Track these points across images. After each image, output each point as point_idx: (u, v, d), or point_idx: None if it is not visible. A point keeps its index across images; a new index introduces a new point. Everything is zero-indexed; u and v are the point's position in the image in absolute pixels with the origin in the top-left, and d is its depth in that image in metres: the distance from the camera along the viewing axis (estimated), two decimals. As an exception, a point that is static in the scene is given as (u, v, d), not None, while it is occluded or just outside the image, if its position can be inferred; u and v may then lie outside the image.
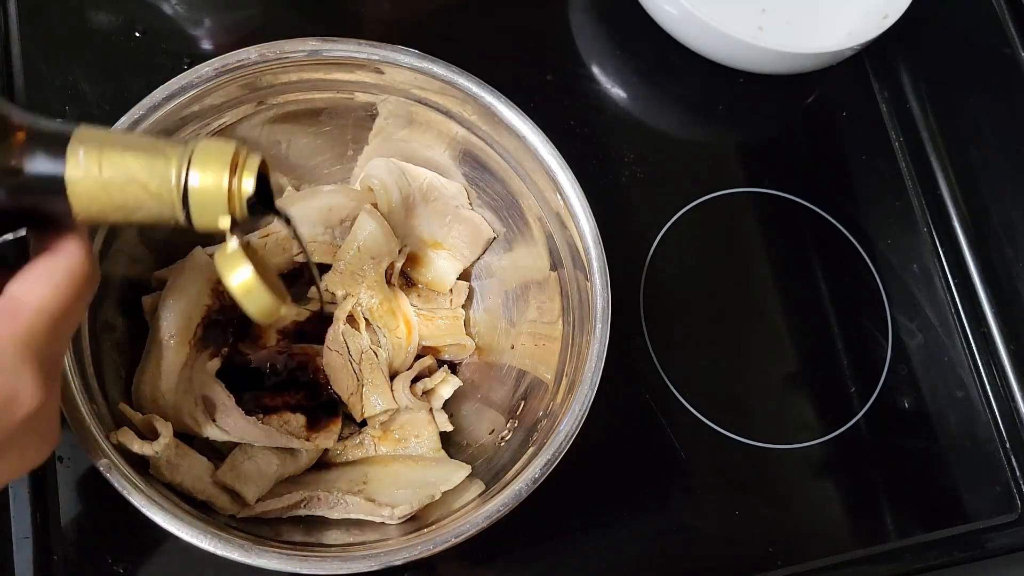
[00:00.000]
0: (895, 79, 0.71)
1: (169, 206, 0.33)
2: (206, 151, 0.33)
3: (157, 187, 0.33)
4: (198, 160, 0.33)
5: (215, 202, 0.33)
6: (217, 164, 0.33)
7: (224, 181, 0.33)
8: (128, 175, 0.32)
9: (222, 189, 0.33)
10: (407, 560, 0.43)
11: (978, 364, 0.65)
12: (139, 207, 0.33)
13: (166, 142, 0.34)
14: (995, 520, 0.61)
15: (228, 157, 0.33)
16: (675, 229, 0.64)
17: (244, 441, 0.49)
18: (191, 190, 0.33)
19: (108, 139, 0.33)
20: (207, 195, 0.33)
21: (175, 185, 0.33)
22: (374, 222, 0.53)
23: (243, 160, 0.34)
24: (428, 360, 0.55)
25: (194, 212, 0.33)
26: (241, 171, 0.34)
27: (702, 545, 0.57)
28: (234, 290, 0.36)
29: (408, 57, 0.50)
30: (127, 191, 0.32)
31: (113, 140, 0.33)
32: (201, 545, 0.42)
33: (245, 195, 0.34)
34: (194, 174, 0.33)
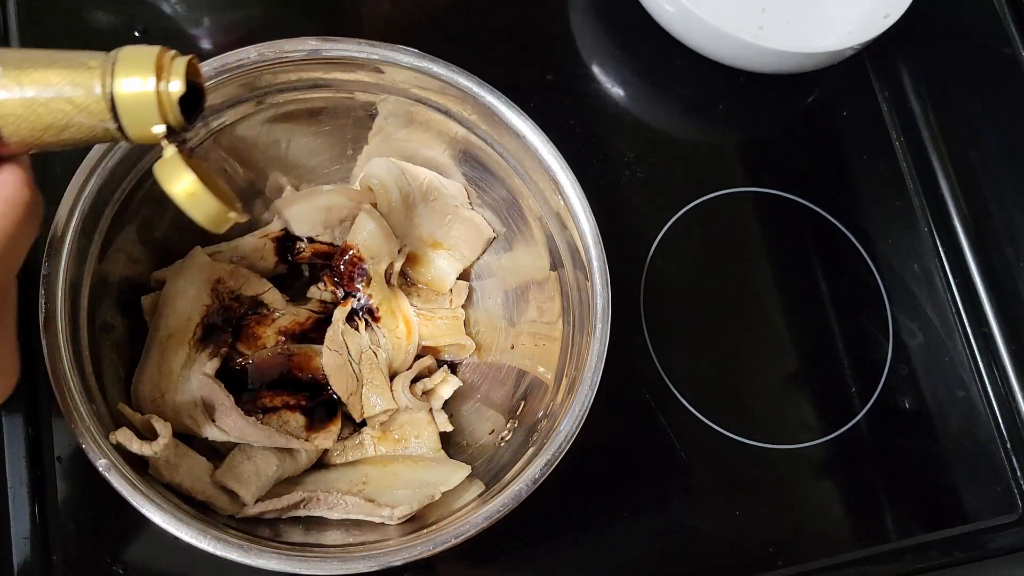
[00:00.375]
0: (895, 79, 0.71)
1: (99, 119, 0.32)
2: (129, 57, 0.32)
3: (83, 99, 0.32)
4: (122, 67, 0.32)
5: (145, 109, 0.32)
6: (142, 69, 0.32)
7: (151, 85, 0.32)
8: (52, 90, 0.31)
9: (150, 94, 0.32)
10: (407, 560, 0.43)
11: (979, 364, 0.65)
12: (69, 123, 0.32)
13: (89, 54, 0.32)
14: (996, 520, 0.61)
15: (152, 60, 0.32)
16: (675, 229, 0.64)
17: (243, 441, 0.49)
18: (118, 98, 0.32)
19: (28, 57, 0.32)
20: (135, 102, 0.32)
21: (102, 95, 0.32)
22: (374, 222, 0.53)
23: (169, 62, 0.33)
24: (428, 360, 0.55)
25: (125, 122, 0.32)
26: (168, 74, 0.32)
27: (702, 545, 0.57)
28: (176, 197, 0.34)
29: (408, 57, 0.50)
30: (53, 107, 0.32)
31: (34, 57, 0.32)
32: (200, 545, 0.42)
33: (175, 98, 0.33)
34: (119, 81, 0.32)
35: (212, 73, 0.48)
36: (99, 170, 0.46)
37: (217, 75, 0.48)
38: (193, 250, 0.52)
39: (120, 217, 0.49)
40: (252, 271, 0.53)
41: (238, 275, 0.52)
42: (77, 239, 0.45)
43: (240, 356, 0.52)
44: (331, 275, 0.53)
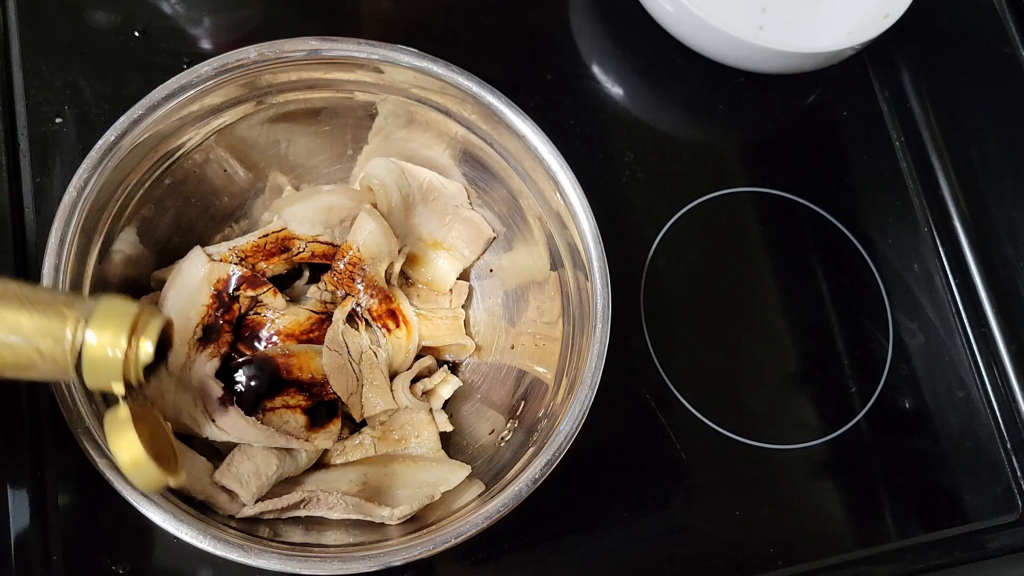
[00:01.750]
0: (896, 79, 0.71)
1: (62, 369, 0.32)
2: (105, 313, 0.32)
3: (50, 350, 0.31)
4: (96, 323, 0.31)
5: (109, 368, 0.32)
6: (115, 329, 0.31)
7: (121, 347, 0.32)
8: (21, 335, 0.31)
9: (117, 355, 0.32)
10: (407, 560, 0.43)
11: (979, 364, 0.65)
12: (31, 366, 0.32)
13: (67, 300, 0.32)
14: (996, 520, 0.61)
15: (128, 321, 0.32)
16: (675, 229, 0.64)
17: (243, 441, 0.49)
18: (85, 355, 0.31)
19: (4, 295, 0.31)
20: (101, 361, 0.32)
21: (69, 349, 0.31)
22: (374, 222, 0.53)
23: (144, 323, 0.32)
24: (428, 360, 0.55)
25: (86, 374, 0.32)
26: (139, 337, 0.32)
27: (702, 545, 0.57)
28: (120, 461, 0.34)
29: (408, 56, 0.50)
30: (19, 351, 0.31)
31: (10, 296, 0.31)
32: (201, 545, 0.42)
33: (143, 362, 0.32)
34: (90, 338, 0.31)
35: (212, 73, 0.48)
36: (99, 170, 0.46)
37: (217, 75, 0.48)
38: (193, 250, 0.52)
39: (120, 217, 0.49)
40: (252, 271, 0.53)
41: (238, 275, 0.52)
42: (77, 239, 0.45)
43: (240, 356, 0.52)
44: (331, 275, 0.53)
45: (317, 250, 0.54)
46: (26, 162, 0.55)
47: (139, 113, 0.47)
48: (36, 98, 0.57)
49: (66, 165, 0.55)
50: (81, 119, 0.57)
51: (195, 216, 0.54)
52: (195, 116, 0.50)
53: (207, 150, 0.52)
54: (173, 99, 0.48)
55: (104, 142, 0.46)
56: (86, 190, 0.46)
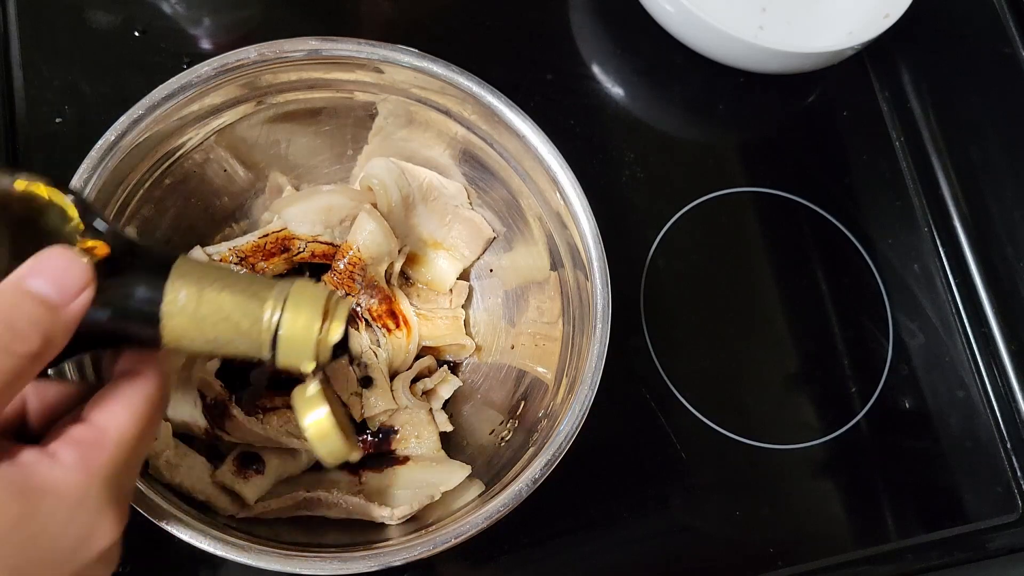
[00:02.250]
0: (896, 79, 0.71)
1: (257, 346, 0.33)
2: (300, 297, 0.34)
3: (249, 328, 0.33)
4: (292, 306, 0.33)
5: (303, 347, 0.34)
6: (311, 312, 0.34)
7: (315, 328, 0.34)
8: (224, 313, 0.33)
9: (312, 336, 0.34)
10: (407, 560, 0.43)
11: (979, 364, 0.65)
12: (228, 343, 0.33)
13: (262, 283, 0.34)
14: (996, 520, 0.61)
15: (321, 304, 0.34)
16: (675, 229, 0.64)
17: (244, 441, 0.49)
18: (281, 335, 0.33)
19: (207, 276, 0.33)
20: (296, 340, 0.34)
21: (266, 328, 0.33)
22: (374, 222, 0.53)
23: (334, 307, 0.34)
24: (428, 360, 0.55)
25: (280, 354, 0.34)
26: (332, 319, 0.34)
27: (702, 545, 0.57)
28: (308, 432, 0.36)
29: (408, 56, 0.50)
30: (219, 328, 0.33)
31: (212, 277, 0.33)
32: (201, 546, 0.42)
33: (333, 342, 0.34)
34: (287, 319, 0.33)
35: (212, 73, 0.48)
36: (99, 170, 0.46)
37: (217, 75, 0.48)
38: (193, 250, 0.52)
39: (120, 217, 0.49)
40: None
41: (238, 275, 0.52)
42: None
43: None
44: (331, 275, 0.53)
45: (317, 250, 0.54)
46: (26, 162, 0.55)
47: (139, 113, 0.47)
48: (36, 98, 0.57)
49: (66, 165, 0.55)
50: (81, 119, 0.57)
51: (195, 216, 0.54)
52: (195, 116, 0.50)
53: (207, 150, 0.52)
54: (173, 99, 0.48)
55: (104, 142, 0.46)
56: (86, 190, 0.45)
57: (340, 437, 0.37)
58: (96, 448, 0.31)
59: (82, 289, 0.30)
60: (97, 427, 0.31)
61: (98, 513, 0.30)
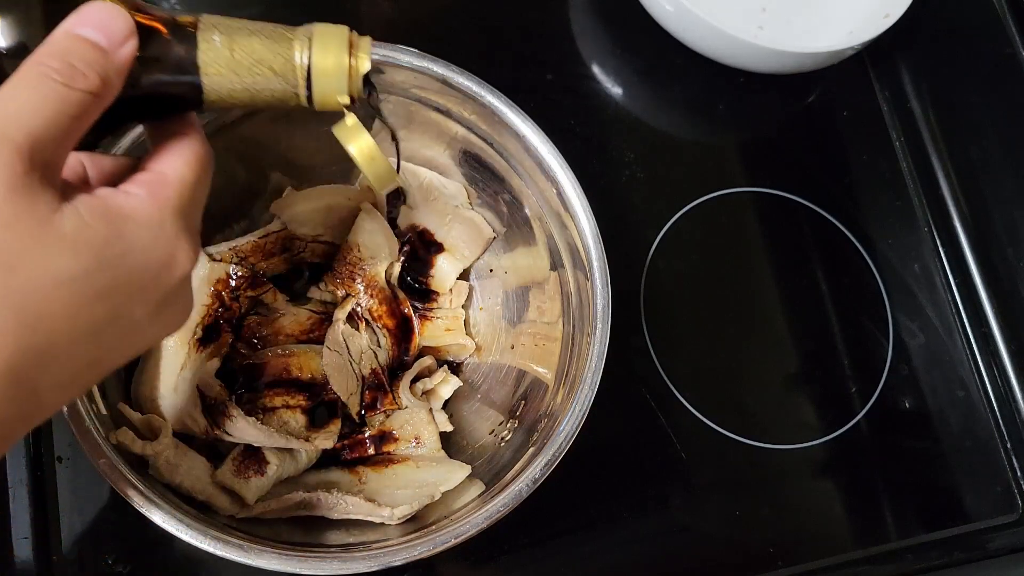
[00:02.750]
0: (896, 79, 0.71)
1: (293, 85, 0.35)
2: (325, 34, 0.35)
3: (282, 67, 0.35)
4: (319, 42, 0.35)
5: (336, 80, 0.35)
6: (337, 45, 0.35)
7: (344, 60, 0.35)
8: (256, 56, 0.34)
9: (343, 67, 0.35)
10: (407, 560, 0.43)
11: (979, 364, 0.65)
12: (265, 87, 0.35)
13: (284, 27, 0.36)
14: (996, 520, 0.61)
15: (345, 38, 0.35)
16: (675, 229, 0.64)
17: (244, 441, 0.49)
18: (314, 69, 0.35)
19: (235, 24, 0.35)
20: (329, 74, 0.35)
21: (299, 64, 0.35)
22: (374, 222, 0.53)
23: (357, 41, 0.36)
24: (428, 360, 0.55)
25: (316, 90, 0.35)
26: (358, 51, 0.36)
27: (702, 545, 0.57)
28: (357, 157, 0.39)
29: (408, 56, 0.50)
30: (255, 71, 0.34)
31: (239, 25, 0.35)
32: (201, 545, 0.42)
33: (362, 72, 0.36)
34: (317, 54, 0.35)
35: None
36: (99, 170, 0.46)
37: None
38: (193, 250, 0.52)
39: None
40: (252, 271, 0.53)
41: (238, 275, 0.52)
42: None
43: (240, 356, 0.52)
44: (331, 275, 0.53)
45: (317, 250, 0.54)
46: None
47: (139, 113, 0.47)
48: (36, 98, 0.57)
49: (66, 165, 0.55)
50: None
51: (195, 216, 0.54)
52: (195, 116, 0.50)
53: (207, 150, 0.52)
54: (173, 99, 0.47)
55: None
56: (86, 190, 0.45)
57: (384, 159, 0.39)
58: (161, 185, 0.33)
59: (128, 37, 0.31)
60: (157, 171, 0.34)
61: (176, 238, 0.33)
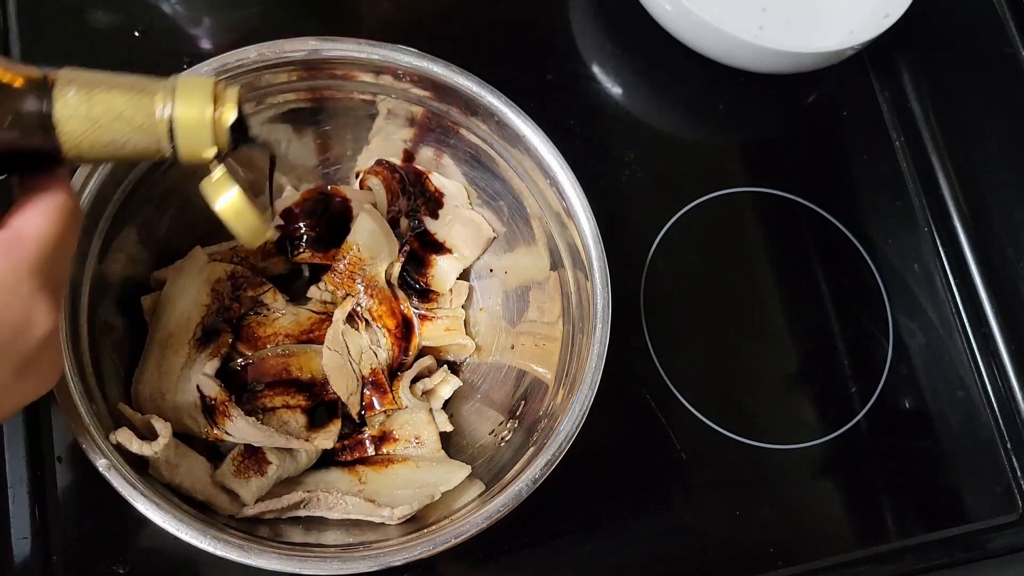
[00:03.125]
0: (896, 79, 0.71)
1: (155, 140, 0.34)
2: (188, 85, 0.34)
3: (143, 122, 0.34)
4: (182, 94, 0.34)
5: (200, 133, 0.34)
6: (201, 97, 0.34)
7: (208, 113, 0.34)
8: (115, 111, 0.33)
9: (206, 120, 0.34)
10: (407, 560, 0.43)
11: (979, 364, 0.65)
12: (126, 142, 0.34)
13: (148, 79, 0.35)
14: (996, 520, 0.61)
15: (209, 89, 0.35)
16: (675, 229, 0.64)
17: (244, 441, 0.49)
18: (176, 123, 0.34)
19: (95, 78, 0.34)
20: (192, 127, 0.34)
21: (160, 119, 0.34)
22: (374, 222, 0.53)
23: (222, 91, 0.35)
24: (428, 360, 0.55)
25: (180, 144, 0.34)
26: (223, 102, 0.35)
27: (702, 545, 0.57)
28: (222, 213, 0.37)
29: (408, 57, 0.50)
30: (115, 127, 0.34)
31: (100, 79, 0.34)
32: (201, 545, 0.42)
33: (227, 124, 0.35)
34: (179, 107, 0.34)
35: (212, 73, 0.48)
36: (99, 170, 0.46)
37: (217, 75, 0.48)
38: (193, 250, 0.52)
39: (120, 217, 0.49)
40: (252, 271, 0.53)
41: (238, 275, 0.52)
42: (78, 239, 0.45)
43: (240, 356, 0.52)
44: (331, 275, 0.53)
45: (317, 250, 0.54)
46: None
47: (139, 113, 0.47)
48: (36, 98, 0.57)
49: (66, 165, 0.55)
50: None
51: (195, 216, 0.54)
52: (195, 116, 0.50)
53: (207, 150, 0.52)
54: (173, 99, 0.48)
55: None
56: (86, 190, 0.46)
57: (255, 213, 0.37)
58: (17, 243, 0.33)
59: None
60: (14, 228, 0.33)
61: (31, 299, 0.32)
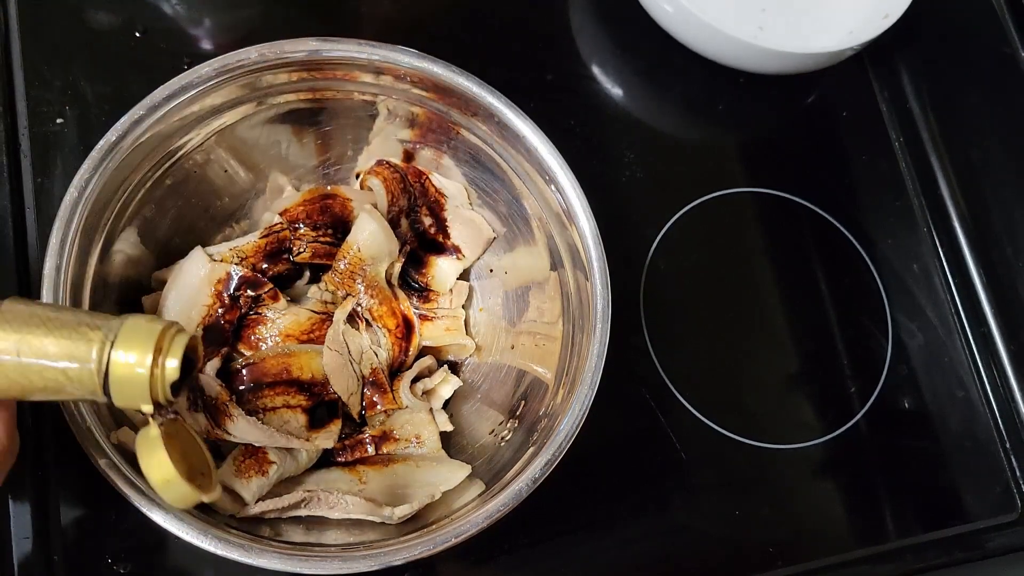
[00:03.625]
0: (895, 79, 0.71)
1: (90, 391, 0.32)
2: (130, 332, 0.32)
3: (77, 373, 0.31)
4: (121, 343, 0.32)
5: (136, 387, 0.32)
6: (140, 347, 0.32)
7: (146, 366, 0.32)
8: (49, 360, 0.31)
9: (143, 376, 0.32)
10: (407, 560, 0.44)
11: (978, 364, 0.65)
12: (59, 390, 0.32)
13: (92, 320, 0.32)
14: (995, 520, 0.61)
15: (153, 339, 0.32)
16: (675, 229, 0.64)
17: (245, 441, 0.49)
18: (112, 375, 0.31)
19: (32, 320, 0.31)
20: (128, 381, 0.32)
21: (96, 370, 0.31)
22: (374, 222, 0.53)
23: (169, 341, 0.32)
24: (428, 360, 0.55)
25: (114, 396, 0.32)
26: (165, 354, 0.32)
27: (702, 545, 0.57)
28: (152, 480, 0.35)
29: (408, 57, 0.50)
30: (47, 375, 0.31)
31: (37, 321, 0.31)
32: (201, 545, 0.42)
33: (169, 380, 0.32)
34: (116, 358, 0.31)
35: (213, 73, 0.48)
36: (100, 171, 0.46)
37: (218, 75, 0.48)
38: (193, 251, 0.52)
39: (121, 218, 0.49)
40: (252, 271, 0.53)
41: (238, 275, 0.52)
42: (78, 240, 0.45)
43: (241, 356, 0.52)
44: (332, 275, 0.53)
45: (318, 250, 0.54)
46: (27, 163, 0.55)
47: (140, 114, 0.47)
48: (37, 98, 0.57)
49: (67, 165, 0.55)
50: (82, 120, 0.57)
51: (196, 216, 0.54)
52: (196, 116, 0.50)
53: (208, 150, 0.52)
54: (174, 100, 0.48)
55: (105, 142, 0.46)
56: (87, 190, 0.46)
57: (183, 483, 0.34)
58: None
59: None
60: None
61: None
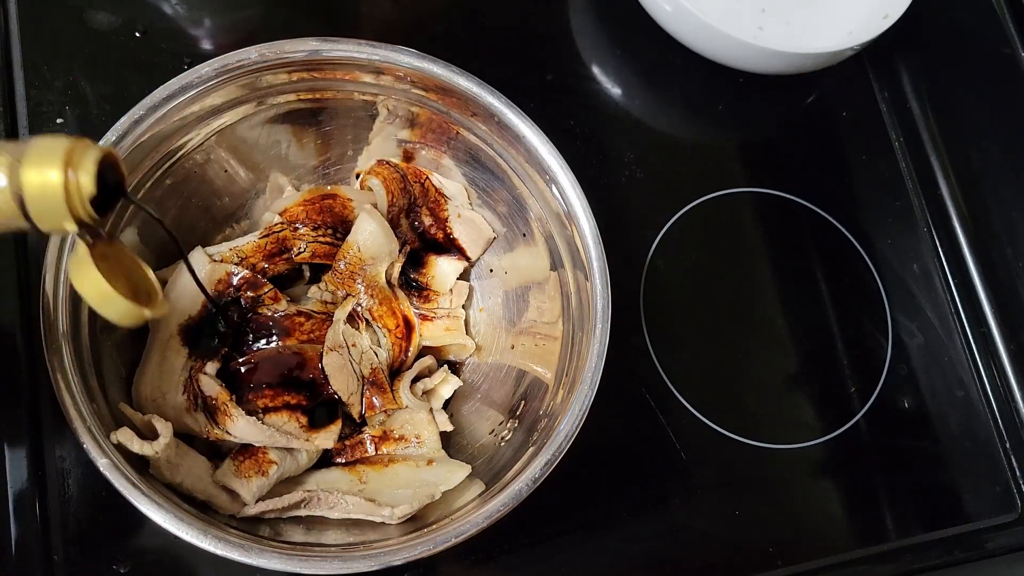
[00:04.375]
0: (895, 79, 0.71)
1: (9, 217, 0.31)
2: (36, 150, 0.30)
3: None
4: (29, 161, 0.30)
5: (53, 205, 0.30)
6: (48, 163, 0.30)
7: (59, 181, 0.30)
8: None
9: (57, 192, 0.30)
10: (407, 560, 0.44)
11: (978, 364, 0.65)
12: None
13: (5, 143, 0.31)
14: (995, 520, 0.61)
15: (60, 154, 0.30)
16: (675, 229, 0.64)
17: (245, 441, 0.49)
18: (26, 194, 0.30)
19: None
20: (40, 198, 0.30)
21: (11, 194, 0.30)
22: (374, 222, 0.53)
23: (79, 156, 0.31)
24: (428, 360, 0.55)
25: (35, 217, 0.31)
26: (77, 168, 0.31)
27: (702, 545, 0.57)
28: (86, 297, 0.33)
29: (408, 57, 0.50)
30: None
31: None
32: (202, 545, 0.42)
33: (87, 194, 0.31)
34: (26, 176, 0.30)
35: (213, 74, 0.48)
36: (100, 170, 0.46)
37: (218, 76, 0.48)
38: (194, 251, 0.52)
39: (121, 217, 0.49)
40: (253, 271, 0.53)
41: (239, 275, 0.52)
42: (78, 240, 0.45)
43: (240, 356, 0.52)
44: (332, 275, 0.53)
45: (318, 250, 0.54)
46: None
47: (140, 114, 0.47)
48: (37, 99, 0.57)
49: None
50: (82, 120, 0.57)
51: (196, 216, 0.54)
52: (196, 117, 0.50)
53: (208, 151, 0.52)
54: (174, 100, 0.48)
55: (105, 143, 0.46)
56: (87, 190, 0.46)
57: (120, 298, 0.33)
58: None
59: None
60: None
61: None
